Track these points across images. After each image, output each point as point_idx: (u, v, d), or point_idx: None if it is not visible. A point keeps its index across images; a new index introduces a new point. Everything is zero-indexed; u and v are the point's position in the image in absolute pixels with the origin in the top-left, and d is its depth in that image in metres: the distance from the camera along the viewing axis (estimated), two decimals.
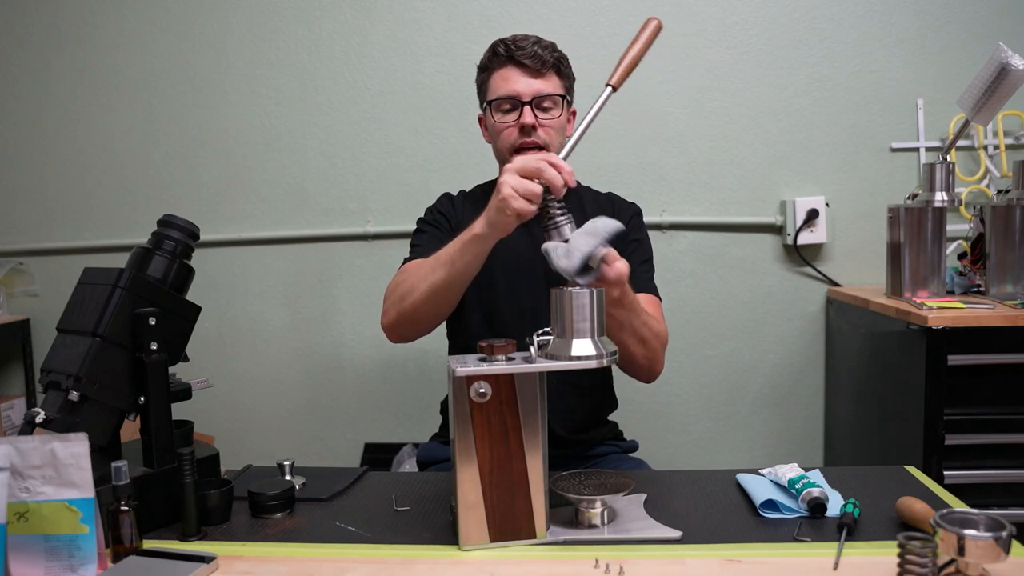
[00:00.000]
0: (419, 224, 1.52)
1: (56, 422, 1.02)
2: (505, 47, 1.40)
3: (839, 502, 1.05)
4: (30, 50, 2.44)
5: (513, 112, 1.39)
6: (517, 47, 1.38)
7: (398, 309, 1.30)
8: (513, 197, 1.06)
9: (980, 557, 0.80)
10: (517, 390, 0.97)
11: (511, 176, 1.07)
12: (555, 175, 1.04)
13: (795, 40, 2.24)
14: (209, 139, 2.40)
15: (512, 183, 1.06)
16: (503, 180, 1.08)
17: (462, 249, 1.18)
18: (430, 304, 1.26)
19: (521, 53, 1.38)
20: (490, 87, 1.43)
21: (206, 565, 0.93)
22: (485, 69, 1.45)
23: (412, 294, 1.26)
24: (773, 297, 2.30)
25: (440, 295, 1.24)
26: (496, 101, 1.40)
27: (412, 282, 1.27)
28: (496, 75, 1.42)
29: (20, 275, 2.49)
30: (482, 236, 1.15)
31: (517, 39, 1.40)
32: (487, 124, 1.47)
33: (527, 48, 1.38)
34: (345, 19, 2.33)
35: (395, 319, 1.31)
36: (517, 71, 1.39)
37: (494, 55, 1.42)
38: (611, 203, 1.54)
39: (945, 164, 1.84)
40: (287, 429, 2.45)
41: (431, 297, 1.24)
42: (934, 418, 1.68)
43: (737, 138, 2.27)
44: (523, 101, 1.38)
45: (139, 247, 1.15)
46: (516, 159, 1.09)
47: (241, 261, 2.42)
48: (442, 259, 1.22)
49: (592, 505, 1.02)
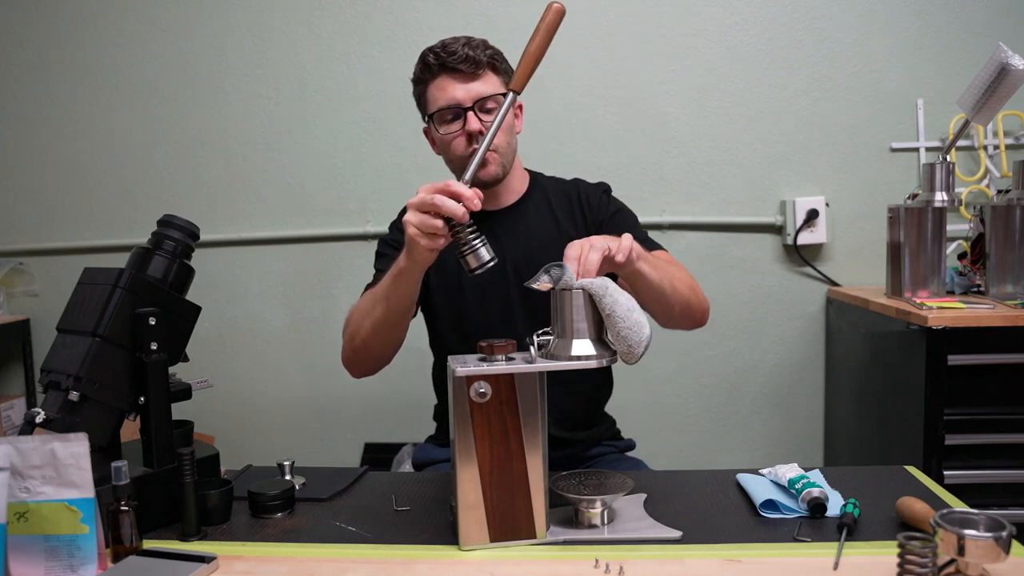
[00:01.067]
0: (380, 246, 1.48)
1: (56, 422, 1.02)
2: (435, 55, 1.34)
3: (839, 502, 1.05)
4: (30, 50, 2.44)
5: (457, 121, 1.34)
6: (447, 52, 1.33)
7: (351, 347, 1.32)
8: (419, 236, 1.04)
9: (980, 557, 0.80)
10: (517, 390, 0.97)
11: (413, 214, 1.05)
12: (453, 207, 1.00)
13: (795, 40, 2.24)
14: (209, 139, 2.40)
15: (415, 222, 1.04)
16: (406, 220, 1.06)
17: (392, 284, 1.18)
18: (376, 338, 1.28)
19: (453, 59, 1.33)
20: (428, 99, 1.38)
21: (206, 565, 0.93)
22: (420, 82, 1.40)
23: (359, 332, 1.28)
24: (773, 297, 2.30)
25: (382, 330, 1.26)
26: (438, 113, 1.35)
27: (357, 320, 1.29)
28: (432, 86, 1.36)
29: (20, 275, 2.49)
30: (407, 270, 1.14)
31: (446, 44, 1.35)
32: (433, 137, 1.42)
33: (458, 52, 1.33)
34: (345, 19, 2.33)
35: (350, 356, 1.34)
36: (451, 78, 1.34)
37: (425, 66, 1.37)
38: (576, 188, 1.50)
39: (945, 164, 1.84)
40: (287, 429, 2.45)
41: (375, 332, 1.26)
42: (934, 418, 1.68)
43: (737, 138, 2.27)
44: (465, 108, 1.33)
45: (139, 247, 1.15)
46: (417, 195, 1.05)
47: (241, 261, 2.42)
48: (378, 295, 1.23)
49: (592, 505, 1.02)
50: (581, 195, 1.47)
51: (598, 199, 1.47)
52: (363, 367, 1.35)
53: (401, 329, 1.29)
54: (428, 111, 1.39)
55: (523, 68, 1.09)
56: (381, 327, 1.25)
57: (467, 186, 1.03)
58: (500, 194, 1.44)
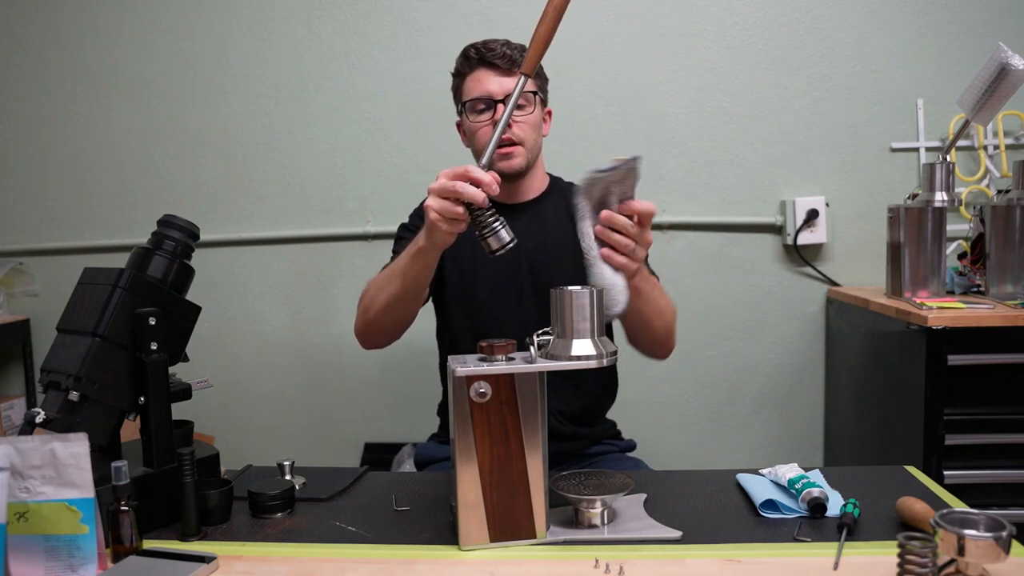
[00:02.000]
0: (400, 230, 1.54)
1: (56, 422, 1.02)
2: (476, 50, 1.43)
3: (839, 502, 1.05)
4: (30, 50, 2.44)
5: (487, 112, 1.42)
6: (487, 49, 1.42)
7: (364, 320, 1.37)
8: (440, 221, 1.06)
9: (980, 557, 0.80)
10: (517, 390, 0.97)
11: (433, 200, 1.06)
12: (473, 192, 1.02)
13: (795, 40, 2.24)
14: (209, 139, 2.40)
15: (435, 207, 1.06)
16: (427, 205, 1.07)
17: (410, 261, 1.21)
18: (390, 314, 1.32)
19: (491, 54, 1.41)
20: (464, 90, 1.46)
21: (206, 565, 0.93)
22: (459, 74, 1.48)
23: (374, 305, 1.33)
24: (773, 297, 2.30)
25: (397, 305, 1.30)
26: (470, 102, 1.43)
27: (372, 293, 1.34)
28: (469, 79, 1.44)
29: (20, 275, 2.49)
30: (425, 249, 1.16)
31: (487, 42, 1.43)
32: (464, 127, 1.49)
33: (497, 49, 1.41)
34: (345, 19, 2.33)
35: (362, 328, 1.39)
36: (489, 72, 1.42)
37: (465, 59, 1.45)
38: None
39: (945, 164, 1.84)
40: (287, 429, 2.45)
41: (389, 307, 1.30)
42: (934, 418, 1.68)
43: (737, 138, 2.27)
44: (495, 100, 1.41)
45: (139, 247, 1.15)
46: (437, 180, 1.07)
47: (241, 261, 2.42)
48: (396, 271, 1.27)
49: (592, 505, 1.02)
50: None
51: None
52: (374, 339, 1.41)
53: (414, 306, 1.33)
54: (462, 100, 1.46)
55: (532, 51, 1.11)
56: (395, 303, 1.29)
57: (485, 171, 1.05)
58: (520, 189, 1.50)
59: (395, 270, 1.27)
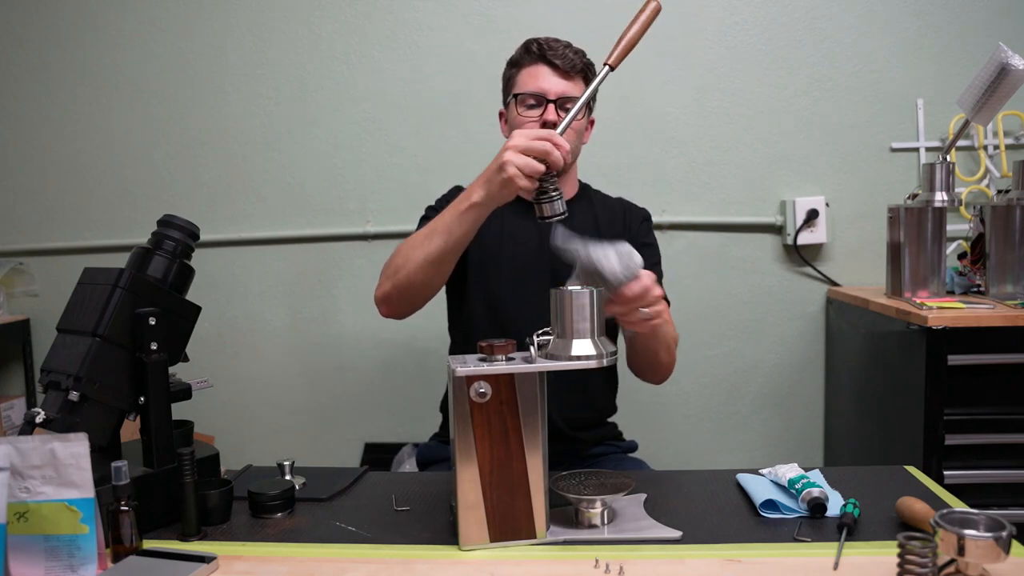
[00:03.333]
0: (427, 211, 1.52)
1: (56, 422, 1.02)
2: (538, 45, 1.42)
3: (839, 502, 1.05)
4: (30, 50, 2.44)
5: (537, 108, 1.41)
6: (550, 46, 1.42)
7: (392, 281, 1.30)
8: (518, 176, 1.09)
9: (980, 557, 0.80)
10: (517, 390, 0.97)
11: (515, 155, 1.09)
12: (558, 156, 1.09)
13: (795, 40, 2.24)
14: (209, 139, 2.40)
15: (518, 163, 1.09)
16: (507, 159, 1.10)
17: (459, 218, 1.19)
18: (424, 274, 1.26)
19: (552, 53, 1.41)
20: (517, 81, 1.45)
21: (206, 565, 0.93)
22: (515, 65, 1.47)
23: (407, 264, 1.27)
24: (773, 297, 2.30)
25: (435, 264, 1.25)
26: (522, 95, 1.42)
27: (406, 252, 1.28)
28: (525, 71, 1.44)
29: (20, 275, 2.49)
30: (479, 205, 1.16)
31: (550, 40, 1.43)
32: (508, 118, 1.49)
33: (559, 50, 1.42)
34: (345, 19, 2.33)
35: (388, 290, 1.32)
36: (547, 69, 1.42)
37: (526, 52, 1.44)
38: (622, 208, 1.57)
39: (945, 164, 1.84)
40: (287, 429, 2.45)
41: (425, 266, 1.25)
42: (934, 418, 1.68)
43: (737, 138, 2.27)
44: (548, 99, 1.40)
45: (139, 247, 1.15)
46: (518, 135, 1.11)
47: (241, 261, 2.42)
48: (439, 228, 1.23)
49: (592, 505, 1.02)
50: (626, 214, 1.55)
51: (638, 224, 1.55)
52: (400, 305, 1.34)
53: (449, 267, 1.28)
54: (514, 91, 1.45)
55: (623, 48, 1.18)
56: (434, 260, 1.24)
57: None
58: None
59: (437, 227, 1.23)
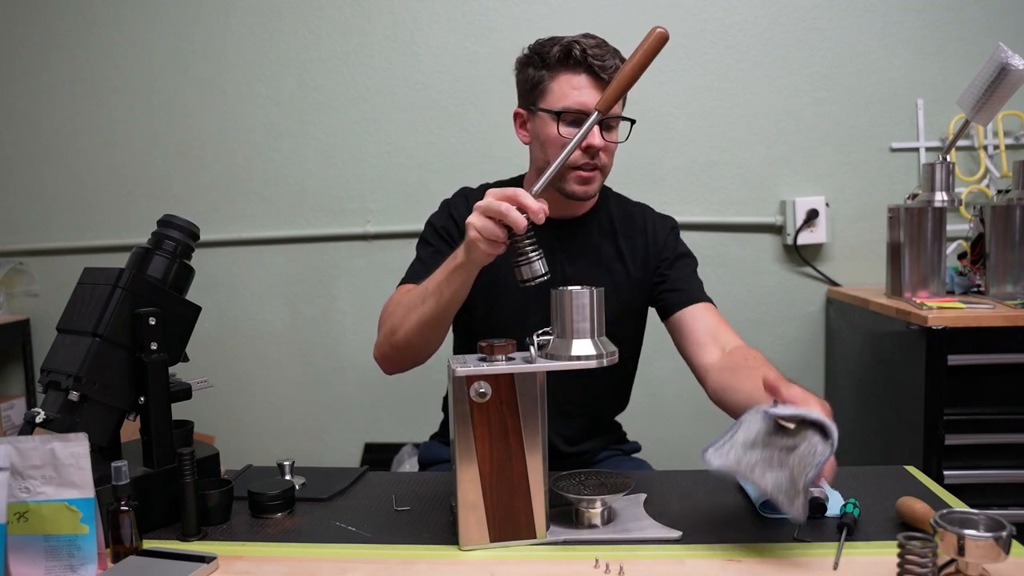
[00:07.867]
0: (426, 231, 1.42)
1: (56, 422, 1.02)
2: (582, 51, 1.23)
3: (839, 502, 1.05)
4: (30, 50, 2.44)
5: (575, 126, 1.25)
6: (595, 55, 1.23)
7: (390, 343, 1.25)
8: (479, 240, 1.03)
9: (980, 557, 0.80)
10: (517, 390, 0.97)
11: (477, 218, 1.03)
12: (517, 219, 0.99)
13: (795, 40, 2.24)
14: (209, 139, 2.40)
15: (477, 226, 1.03)
16: (469, 222, 1.04)
17: (448, 279, 1.14)
18: (420, 336, 1.22)
19: (598, 63, 1.23)
20: (553, 91, 1.26)
21: (206, 565, 0.93)
22: (549, 66, 1.27)
23: (403, 326, 1.22)
24: (773, 297, 2.30)
25: (429, 326, 1.20)
26: (564, 112, 1.25)
27: (401, 314, 1.23)
28: (564, 79, 1.25)
29: (20, 275, 2.49)
30: (462, 267, 1.11)
31: (591, 43, 1.25)
32: (536, 128, 1.30)
33: (607, 61, 1.24)
34: (345, 19, 2.33)
35: (388, 352, 1.27)
36: (590, 81, 1.24)
37: (566, 55, 1.24)
38: (644, 216, 1.45)
39: (945, 164, 1.84)
40: (287, 429, 2.45)
41: (421, 328, 1.20)
42: (934, 418, 1.68)
43: (737, 138, 2.27)
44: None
45: (139, 247, 1.15)
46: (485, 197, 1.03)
47: (241, 261, 2.42)
48: (430, 289, 1.18)
49: (592, 505, 1.02)
50: (648, 225, 1.43)
51: (666, 235, 1.43)
52: (399, 364, 1.30)
53: (447, 326, 1.23)
54: (551, 105, 1.27)
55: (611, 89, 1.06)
56: (428, 323, 1.19)
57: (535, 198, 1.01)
58: (570, 204, 1.36)
59: (428, 289, 1.17)
